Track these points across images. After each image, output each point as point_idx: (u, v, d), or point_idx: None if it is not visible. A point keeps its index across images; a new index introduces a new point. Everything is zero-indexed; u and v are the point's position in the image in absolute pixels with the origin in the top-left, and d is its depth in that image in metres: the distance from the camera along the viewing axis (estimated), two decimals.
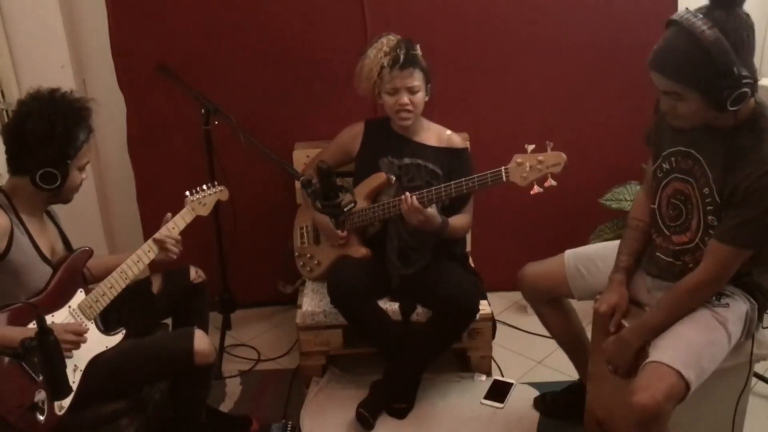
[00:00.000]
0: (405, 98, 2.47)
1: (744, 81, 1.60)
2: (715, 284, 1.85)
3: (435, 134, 2.60)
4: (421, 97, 2.49)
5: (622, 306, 2.01)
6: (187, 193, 2.31)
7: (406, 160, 2.56)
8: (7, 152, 2.00)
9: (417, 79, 2.46)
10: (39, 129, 1.93)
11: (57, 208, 2.22)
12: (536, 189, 2.24)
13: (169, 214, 2.25)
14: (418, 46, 2.48)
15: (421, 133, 2.59)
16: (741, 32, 1.61)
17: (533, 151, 2.22)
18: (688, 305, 1.87)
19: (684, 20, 1.63)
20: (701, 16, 1.62)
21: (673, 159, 1.92)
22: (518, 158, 2.25)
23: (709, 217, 1.84)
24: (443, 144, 2.58)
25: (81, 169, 2.05)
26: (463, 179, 2.33)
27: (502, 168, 2.27)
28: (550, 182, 2.23)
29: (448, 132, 2.61)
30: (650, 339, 1.88)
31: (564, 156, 2.21)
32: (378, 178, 2.56)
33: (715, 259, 1.81)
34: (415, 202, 2.35)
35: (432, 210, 2.40)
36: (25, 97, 2.02)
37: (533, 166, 2.23)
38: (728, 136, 1.75)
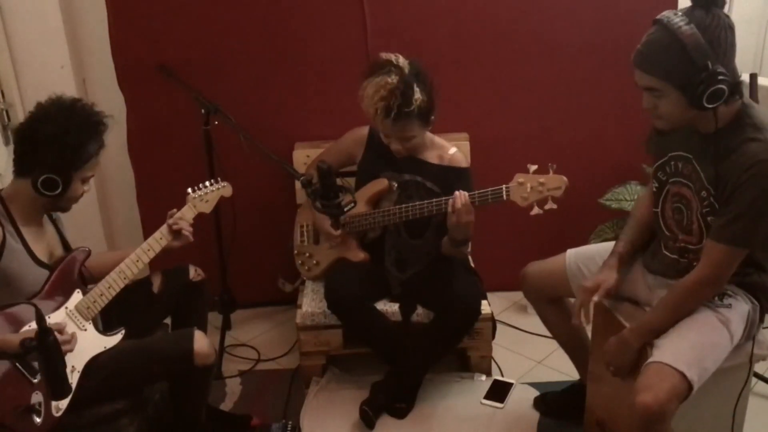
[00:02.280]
0: (396, 145, 2.44)
1: (720, 77, 1.66)
2: (714, 284, 1.85)
3: (437, 153, 2.56)
4: (416, 141, 2.45)
5: (607, 284, 2.01)
6: (189, 190, 2.32)
7: (406, 177, 2.55)
8: (15, 151, 2.00)
9: (411, 130, 2.40)
10: (51, 133, 1.93)
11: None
12: (536, 210, 2.23)
13: (174, 210, 2.26)
14: (417, 94, 2.32)
15: (423, 150, 2.55)
16: (718, 30, 1.67)
17: (535, 172, 2.21)
18: (688, 305, 1.87)
19: (664, 18, 1.71)
20: (681, 14, 1.69)
21: (673, 163, 1.94)
22: (520, 178, 2.23)
23: (709, 218, 1.84)
24: (445, 163, 2.55)
25: (84, 181, 2.05)
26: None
27: (503, 186, 2.25)
28: (551, 205, 2.21)
29: (452, 150, 2.56)
30: (651, 339, 1.88)
31: (565, 179, 2.19)
32: (380, 184, 2.56)
33: (710, 258, 1.81)
34: (468, 199, 2.28)
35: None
36: (45, 101, 2.02)
37: (534, 187, 2.21)
38: (717, 137, 1.77)
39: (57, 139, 1.93)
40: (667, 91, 1.74)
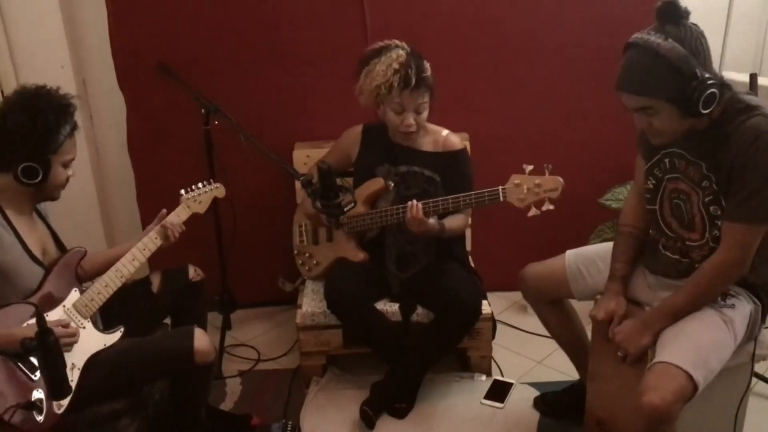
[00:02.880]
0: (411, 119, 2.43)
1: (710, 82, 1.70)
2: (738, 266, 1.84)
3: (432, 138, 2.56)
4: (426, 114, 2.46)
5: (619, 313, 2.02)
6: (182, 191, 2.32)
7: (403, 168, 2.55)
8: None
9: (424, 98, 2.42)
10: (18, 122, 1.93)
11: (54, 209, 2.22)
12: (533, 212, 2.23)
13: (164, 211, 2.26)
14: (426, 63, 2.42)
15: (417, 139, 2.55)
16: (694, 39, 1.72)
17: (531, 173, 2.21)
18: (713, 289, 1.88)
19: (639, 40, 1.75)
20: (654, 32, 1.73)
21: (667, 160, 1.95)
22: (516, 179, 2.23)
23: (711, 207, 1.85)
24: (440, 148, 2.55)
25: (65, 165, 2.04)
26: (460, 195, 2.32)
27: (500, 188, 2.26)
28: (548, 206, 2.21)
29: (445, 133, 2.57)
30: (672, 323, 1.88)
31: (561, 181, 2.19)
32: (376, 183, 2.56)
33: (731, 240, 1.81)
34: (420, 213, 2.31)
35: (432, 220, 2.38)
36: (11, 93, 2.03)
37: (530, 189, 2.22)
38: (712, 127, 1.80)
39: (26, 128, 1.93)
40: (660, 107, 1.76)
